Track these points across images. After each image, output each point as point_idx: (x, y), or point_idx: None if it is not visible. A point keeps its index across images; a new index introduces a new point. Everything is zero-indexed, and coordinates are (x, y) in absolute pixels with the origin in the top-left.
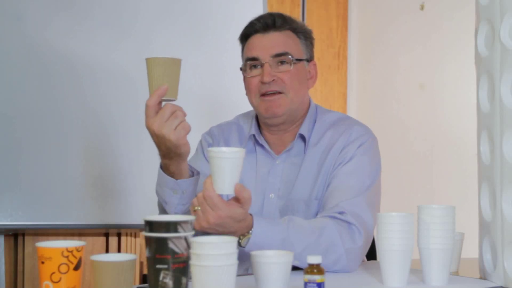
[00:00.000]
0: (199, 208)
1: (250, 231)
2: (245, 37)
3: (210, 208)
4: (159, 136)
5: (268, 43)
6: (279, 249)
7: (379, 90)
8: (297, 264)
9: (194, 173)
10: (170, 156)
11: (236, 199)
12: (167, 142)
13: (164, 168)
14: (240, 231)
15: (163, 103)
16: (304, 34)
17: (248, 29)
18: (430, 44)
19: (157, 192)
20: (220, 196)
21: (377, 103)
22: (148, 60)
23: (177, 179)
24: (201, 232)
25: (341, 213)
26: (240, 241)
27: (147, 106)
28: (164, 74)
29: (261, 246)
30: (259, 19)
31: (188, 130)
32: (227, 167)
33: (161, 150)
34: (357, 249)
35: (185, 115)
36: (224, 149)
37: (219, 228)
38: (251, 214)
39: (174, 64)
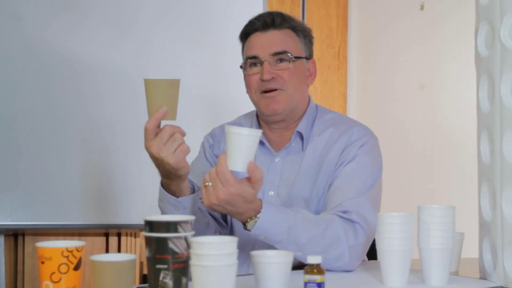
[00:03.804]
0: (210, 183)
1: (258, 215)
2: (245, 35)
3: (221, 184)
4: (158, 159)
5: (267, 42)
6: (283, 238)
7: (379, 90)
8: (299, 255)
9: (195, 188)
10: (170, 177)
11: (248, 179)
12: (166, 165)
13: (164, 186)
14: (248, 213)
15: (162, 122)
16: (303, 33)
17: (248, 28)
18: (430, 44)
19: (159, 207)
20: (233, 173)
21: (377, 103)
22: (146, 82)
23: (178, 197)
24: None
25: (345, 212)
26: (246, 224)
27: (145, 129)
28: (162, 96)
29: (266, 231)
30: (259, 17)
31: (187, 152)
32: (243, 144)
33: (160, 171)
34: (359, 246)
35: (183, 135)
36: (242, 127)
37: (228, 206)
38: (260, 199)
39: (173, 86)
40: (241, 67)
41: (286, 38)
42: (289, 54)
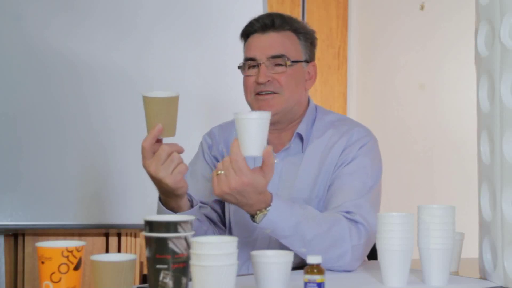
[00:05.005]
0: (223, 172)
1: (267, 208)
2: (245, 36)
3: (234, 173)
4: (156, 179)
5: (266, 44)
6: (290, 233)
7: (379, 90)
8: (303, 252)
9: (193, 202)
10: (168, 195)
11: (260, 169)
12: (164, 185)
13: (163, 202)
14: (257, 205)
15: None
16: (305, 35)
17: (248, 29)
18: (430, 44)
19: None
20: (246, 163)
21: (377, 103)
22: (144, 99)
23: (176, 212)
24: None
25: (348, 212)
26: (255, 216)
27: (142, 148)
28: (160, 113)
29: (275, 225)
30: (258, 19)
31: (184, 172)
32: (254, 128)
33: (158, 189)
34: (361, 247)
35: (181, 151)
36: (251, 112)
37: (238, 196)
38: (270, 192)
39: (171, 103)
40: (239, 67)
41: (285, 41)
42: (286, 58)
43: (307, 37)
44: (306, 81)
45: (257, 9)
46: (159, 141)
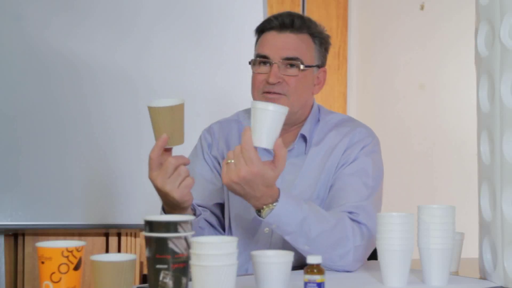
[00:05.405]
0: (233, 161)
1: (274, 203)
2: (260, 31)
3: (245, 162)
4: (162, 192)
5: (281, 44)
6: (296, 229)
7: (379, 90)
8: (306, 250)
9: (196, 211)
10: (173, 207)
11: (271, 163)
12: (170, 198)
13: (166, 213)
14: (264, 199)
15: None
16: (320, 40)
17: (265, 25)
18: (430, 44)
19: None
20: (257, 152)
21: (377, 103)
22: (149, 109)
23: None
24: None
25: (350, 212)
26: (262, 211)
27: (150, 158)
28: (165, 122)
29: (280, 220)
30: (277, 16)
31: (191, 186)
32: (269, 120)
33: (163, 201)
34: (363, 247)
35: (187, 163)
36: (268, 103)
37: (246, 186)
38: (277, 187)
39: (176, 111)
40: (249, 62)
41: (301, 44)
42: (300, 62)
43: (322, 42)
44: (314, 85)
45: (257, 9)
46: (168, 150)
